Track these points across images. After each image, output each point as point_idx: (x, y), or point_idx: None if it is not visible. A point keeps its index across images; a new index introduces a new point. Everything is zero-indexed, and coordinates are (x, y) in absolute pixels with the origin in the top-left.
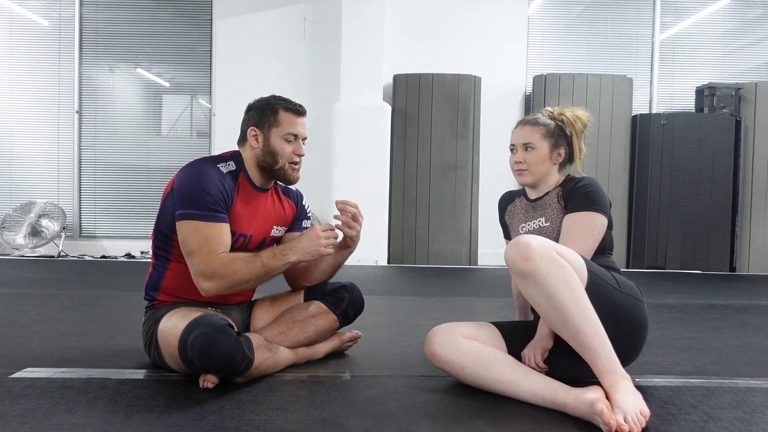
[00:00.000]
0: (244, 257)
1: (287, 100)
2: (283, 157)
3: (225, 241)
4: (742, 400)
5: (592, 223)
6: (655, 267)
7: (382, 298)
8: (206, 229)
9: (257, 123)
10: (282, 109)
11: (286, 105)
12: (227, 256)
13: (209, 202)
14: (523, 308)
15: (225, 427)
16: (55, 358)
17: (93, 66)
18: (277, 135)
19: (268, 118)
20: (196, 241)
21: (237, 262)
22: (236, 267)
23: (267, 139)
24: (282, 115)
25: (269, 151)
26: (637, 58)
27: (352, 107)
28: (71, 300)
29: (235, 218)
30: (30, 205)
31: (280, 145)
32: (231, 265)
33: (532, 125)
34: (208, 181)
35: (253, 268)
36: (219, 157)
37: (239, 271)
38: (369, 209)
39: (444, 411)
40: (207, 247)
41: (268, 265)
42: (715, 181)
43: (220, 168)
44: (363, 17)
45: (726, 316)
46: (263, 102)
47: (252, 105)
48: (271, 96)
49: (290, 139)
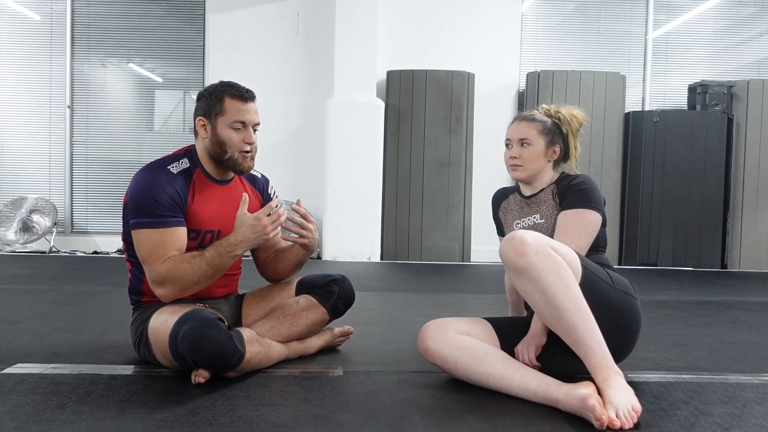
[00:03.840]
0: (189, 258)
1: (234, 85)
2: (231, 146)
3: (178, 245)
4: (732, 396)
5: (587, 220)
6: (647, 264)
7: (375, 294)
8: (156, 236)
9: (204, 113)
10: (228, 96)
11: (231, 91)
12: (172, 260)
13: (158, 209)
14: (516, 304)
15: (217, 422)
16: (47, 354)
17: (85, 61)
18: (224, 124)
19: (214, 107)
20: (147, 249)
21: (182, 264)
22: (182, 270)
23: (214, 128)
24: (228, 103)
25: (217, 141)
26: (630, 56)
27: (346, 103)
28: (63, 296)
29: (196, 216)
30: (21, 201)
31: (227, 134)
32: (176, 268)
33: (529, 121)
34: (156, 187)
35: (198, 269)
36: (172, 156)
37: (186, 273)
38: (362, 205)
39: (436, 406)
40: (156, 253)
41: (214, 263)
42: (707, 179)
43: (170, 169)
44: (356, 13)
45: (717, 312)
46: (210, 90)
47: (200, 94)
48: (219, 82)
49: (238, 127)
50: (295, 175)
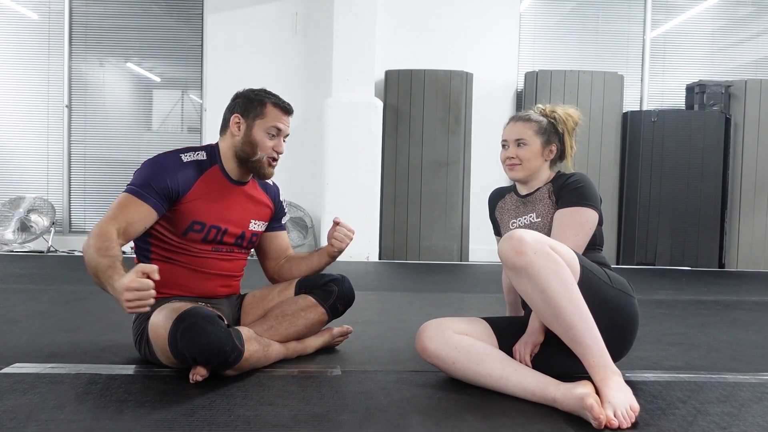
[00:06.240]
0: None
1: (277, 96)
2: (262, 149)
3: (135, 219)
4: (730, 395)
5: (584, 218)
6: (644, 263)
7: (373, 293)
8: (127, 200)
9: (242, 111)
10: (270, 104)
11: (275, 100)
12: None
13: (146, 186)
14: (513, 304)
15: (215, 422)
16: (45, 354)
17: (83, 60)
18: (261, 127)
19: (255, 109)
20: (114, 207)
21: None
22: (108, 245)
23: (249, 129)
24: (269, 109)
25: (249, 141)
26: (628, 55)
27: (344, 103)
28: (61, 295)
29: (201, 209)
30: (19, 200)
31: (261, 137)
32: (97, 240)
33: (524, 121)
34: (158, 171)
35: (101, 262)
36: (188, 147)
37: (89, 252)
38: (360, 205)
39: (435, 406)
40: (115, 213)
41: (103, 272)
42: (705, 178)
43: (181, 157)
44: (355, 12)
45: (715, 311)
46: (253, 92)
47: (240, 93)
48: (261, 89)
49: (273, 133)
50: (293, 174)
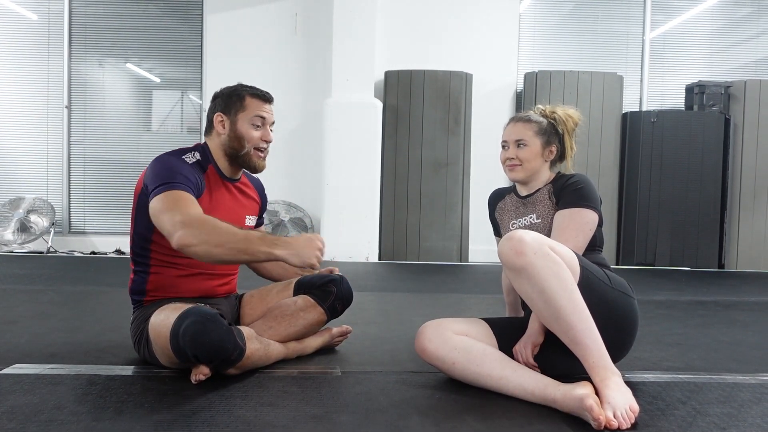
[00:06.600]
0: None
1: (254, 87)
2: (249, 141)
3: (194, 203)
4: (729, 396)
5: (584, 219)
6: (644, 264)
7: (372, 294)
8: (177, 194)
9: (223, 109)
10: (248, 95)
11: (252, 91)
12: (201, 217)
13: (179, 178)
14: (513, 305)
15: (215, 422)
16: (44, 355)
17: (82, 61)
18: (244, 119)
19: (235, 104)
20: (171, 201)
21: (219, 220)
22: (216, 222)
23: (234, 124)
24: (248, 100)
25: (235, 136)
26: (627, 56)
27: (344, 103)
28: (60, 296)
29: (206, 211)
30: (18, 201)
31: (246, 129)
32: (211, 218)
33: (524, 122)
34: (178, 164)
35: (233, 233)
36: (182, 149)
37: (219, 226)
38: (360, 205)
39: (434, 407)
40: (183, 202)
41: (251, 242)
42: (704, 179)
43: (185, 159)
44: (354, 13)
45: (714, 312)
46: (230, 89)
47: (218, 93)
48: (237, 84)
49: (257, 123)
50: (293, 175)
